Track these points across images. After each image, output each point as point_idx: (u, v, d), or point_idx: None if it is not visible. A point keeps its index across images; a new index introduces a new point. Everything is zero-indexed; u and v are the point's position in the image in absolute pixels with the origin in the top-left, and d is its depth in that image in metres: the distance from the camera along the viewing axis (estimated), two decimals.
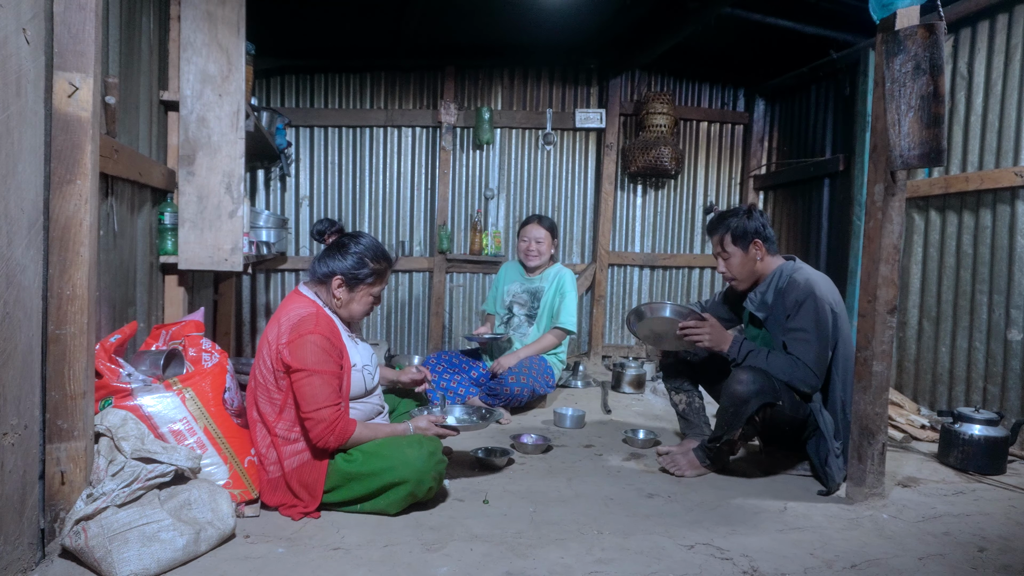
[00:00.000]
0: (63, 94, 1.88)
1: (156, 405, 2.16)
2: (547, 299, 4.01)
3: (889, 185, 2.42)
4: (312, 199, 5.31)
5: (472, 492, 2.55)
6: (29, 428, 1.80)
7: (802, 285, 2.66)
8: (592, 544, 2.13)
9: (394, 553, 2.02)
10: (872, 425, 2.50)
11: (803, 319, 2.62)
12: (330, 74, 5.24)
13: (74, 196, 1.89)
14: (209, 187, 2.89)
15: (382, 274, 2.44)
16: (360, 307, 2.44)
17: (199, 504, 2.00)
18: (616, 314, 5.65)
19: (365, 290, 2.42)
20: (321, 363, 2.23)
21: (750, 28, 4.37)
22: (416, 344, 5.49)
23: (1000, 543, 2.21)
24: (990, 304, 3.44)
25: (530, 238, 4.05)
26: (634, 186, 5.57)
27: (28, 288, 1.79)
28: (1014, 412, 3.25)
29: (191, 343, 2.49)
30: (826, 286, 2.72)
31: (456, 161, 5.39)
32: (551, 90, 5.45)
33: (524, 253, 4.08)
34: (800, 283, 2.67)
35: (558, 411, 3.63)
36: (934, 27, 2.21)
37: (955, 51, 3.67)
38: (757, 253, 2.80)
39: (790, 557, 2.07)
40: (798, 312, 2.64)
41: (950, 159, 3.68)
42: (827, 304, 2.65)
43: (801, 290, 2.65)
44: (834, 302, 2.70)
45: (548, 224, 4.08)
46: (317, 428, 2.21)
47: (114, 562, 1.78)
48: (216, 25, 2.87)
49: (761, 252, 2.80)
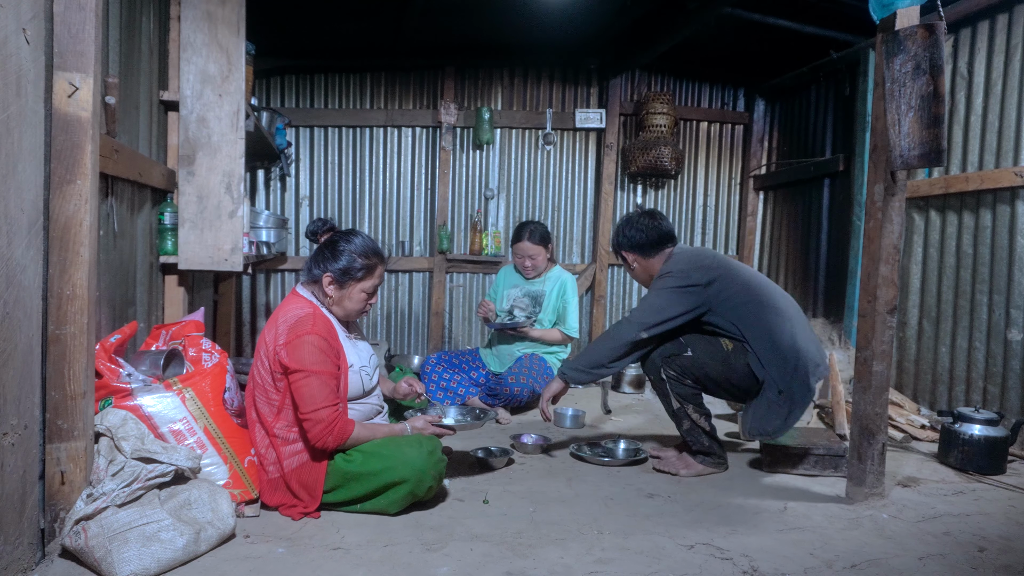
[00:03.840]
0: (63, 94, 1.88)
1: (156, 405, 2.16)
2: (550, 302, 4.01)
3: (889, 185, 2.42)
4: (312, 199, 5.31)
5: (472, 492, 2.55)
6: (29, 428, 1.80)
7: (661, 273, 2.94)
8: (592, 544, 2.13)
9: (394, 553, 2.02)
10: (872, 425, 2.50)
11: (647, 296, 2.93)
12: (330, 74, 5.24)
13: (74, 196, 1.89)
14: (209, 187, 2.89)
15: (372, 269, 2.42)
16: (353, 304, 2.43)
17: (199, 504, 2.00)
18: (616, 314, 5.65)
19: (356, 286, 2.41)
20: (318, 364, 2.23)
21: (750, 28, 4.37)
22: (416, 344, 5.49)
23: (1000, 543, 2.21)
24: (990, 304, 3.44)
25: (524, 255, 4.01)
26: (634, 186, 5.57)
27: (28, 288, 1.79)
28: (1014, 412, 3.25)
29: (191, 343, 2.49)
30: (678, 261, 2.92)
31: (456, 161, 5.39)
32: (551, 90, 5.45)
33: (520, 268, 4.07)
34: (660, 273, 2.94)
35: (558, 411, 3.63)
36: (934, 27, 2.21)
37: (955, 51, 3.67)
38: (636, 262, 3.04)
39: (790, 557, 2.07)
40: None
41: (950, 159, 3.68)
42: (670, 276, 2.86)
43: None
44: (689, 270, 2.85)
45: (539, 237, 4.00)
46: (315, 429, 2.21)
47: (114, 562, 1.78)
48: (216, 25, 2.87)
49: (638, 261, 3.03)
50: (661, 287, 2.87)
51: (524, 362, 3.82)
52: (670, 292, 2.83)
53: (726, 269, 2.87)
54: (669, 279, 2.86)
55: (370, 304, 2.48)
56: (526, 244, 4.00)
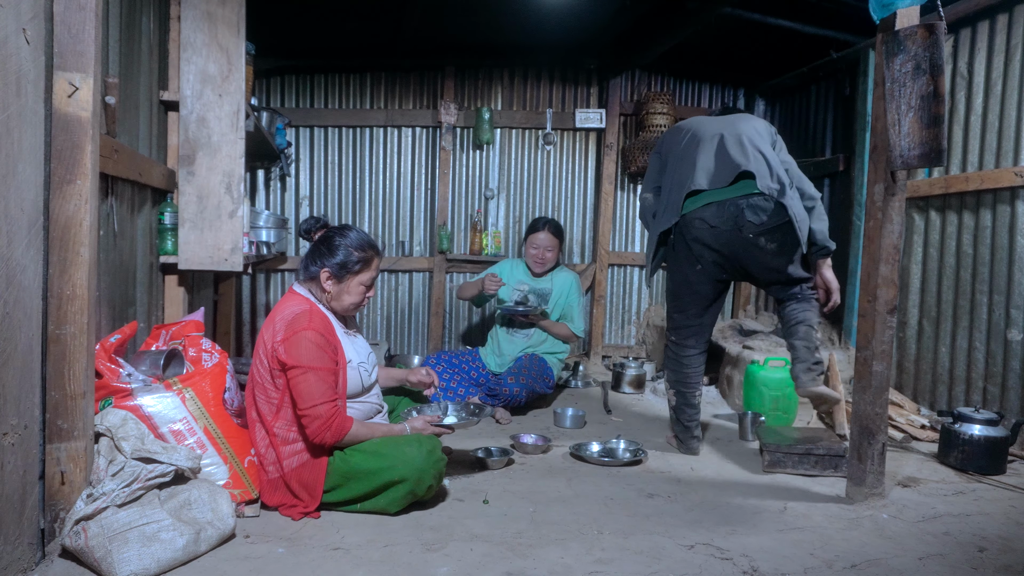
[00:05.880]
0: (63, 94, 1.88)
1: (156, 405, 2.16)
2: (556, 299, 4.03)
3: (889, 185, 2.42)
4: (312, 199, 5.31)
5: (472, 492, 2.55)
6: (29, 428, 1.80)
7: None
8: (592, 544, 2.13)
9: (394, 553, 2.02)
10: (872, 425, 2.50)
11: None
12: (330, 74, 5.24)
13: (74, 196, 1.89)
14: (209, 187, 2.89)
15: (368, 262, 2.43)
16: (352, 297, 2.44)
17: (199, 504, 2.00)
18: (616, 314, 5.65)
19: (354, 279, 2.42)
20: (316, 359, 2.23)
21: (750, 28, 4.37)
22: (416, 344, 5.49)
23: (1000, 543, 2.21)
24: (990, 304, 3.44)
25: (541, 246, 4.05)
26: (634, 186, 5.57)
27: (28, 288, 1.79)
28: (1014, 412, 3.25)
29: (191, 343, 2.49)
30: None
31: (456, 161, 5.39)
32: (551, 90, 5.45)
33: (533, 260, 4.07)
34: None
35: (558, 411, 3.63)
36: (934, 27, 2.21)
37: (955, 51, 3.67)
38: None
39: (790, 557, 2.07)
40: None
41: (950, 159, 3.68)
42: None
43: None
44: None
45: (555, 229, 4.08)
46: (313, 424, 2.21)
47: (114, 562, 1.78)
48: (216, 25, 2.87)
49: None
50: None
51: (524, 362, 3.82)
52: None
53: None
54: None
55: (368, 297, 2.49)
56: (543, 235, 4.04)
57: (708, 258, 2.94)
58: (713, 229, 2.89)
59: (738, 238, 2.86)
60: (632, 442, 3.14)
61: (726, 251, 2.90)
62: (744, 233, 2.85)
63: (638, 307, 5.67)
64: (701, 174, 2.93)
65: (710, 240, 2.90)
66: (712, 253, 2.92)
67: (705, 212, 2.89)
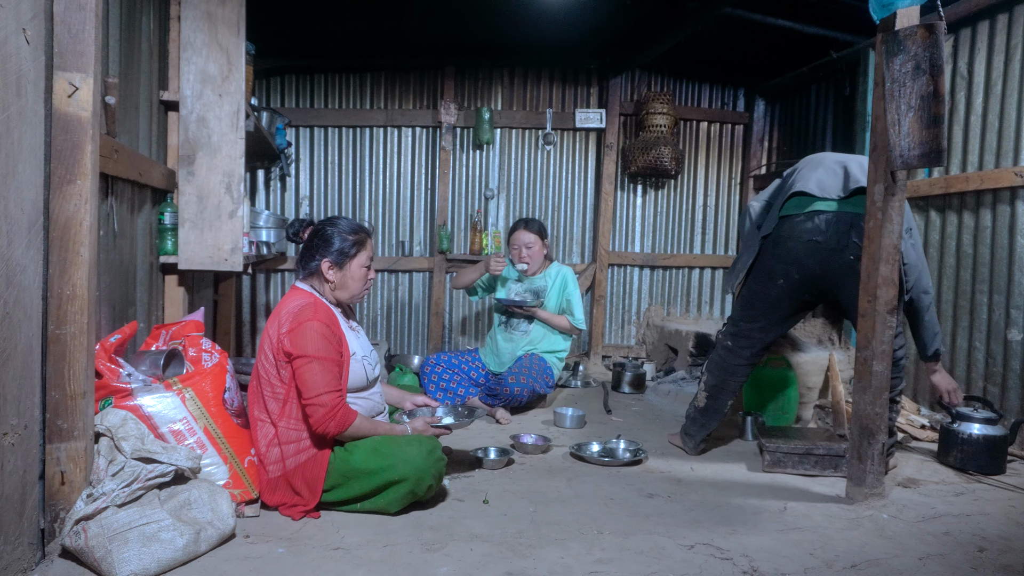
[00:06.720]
0: (63, 94, 1.88)
1: (156, 405, 2.16)
2: (551, 295, 4.01)
3: (889, 185, 2.42)
4: (312, 199, 5.31)
5: (472, 492, 2.55)
6: (29, 428, 1.80)
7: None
8: (592, 544, 2.13)
9: (394, 553, 2.02)
10: (872, 425, 2.50)
11: None
12: (330, 74, 5.24)
13: (74, 196, 1.89)
14: (209, 187, 2.89)
15: (363, 243, 2.49)
16: (356, 282, 2.49)
17: (199, 504, 2.00)
18: (616, 314, 5.65)
19: (353, 263, 2.46)
20: (321, 350, 2.26)
21: (750, 28, 4.37)
22: (416, 344, 5.49)
23: (1000, 543, 2.21)
24: (990, 304, 3.44)
25: (520, 244, 4.02)
26: (634, 186, 5.57)
27: (28, 288, 1.79)
28: (1014, 412, 3.25)
29: (191, 343, 2.49)
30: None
31: (456, 161, 5.39)
32: (551, 90, 5.45)
33: (516, 259, 4.07)
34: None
35: (558, 411, 3.63)
36: (934, 27, 2.21)
37: (955, 51, 3.67)
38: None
39: (790, 557, 2.07)
40: None
41: (950, 159, 3.68)
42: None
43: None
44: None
45: (536, 228, 4.04)
46: (318, 413, 2.23)
47: (114, 562, 1.78)
48: (216, 25, 2.87)
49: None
50: None
51: (524, 362, 3.82)
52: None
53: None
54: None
55: (370, 279, 2.53)
56: (522, 232, 4.02)
57: (794, 276, 2.72)
58: (811, 244, 2.64)
59: (838, 260, 2.62)
60: (632, 442, 3.13)
61: (819, 271, 2.66)
62: (846, 255, 2.61)
63: (638, 307, 5.68)
64: (812, 181, 2.73)
65: (803, 256, 2.66)
66: (801, 271, 2.69)
67: (808, 223, 2.66)
